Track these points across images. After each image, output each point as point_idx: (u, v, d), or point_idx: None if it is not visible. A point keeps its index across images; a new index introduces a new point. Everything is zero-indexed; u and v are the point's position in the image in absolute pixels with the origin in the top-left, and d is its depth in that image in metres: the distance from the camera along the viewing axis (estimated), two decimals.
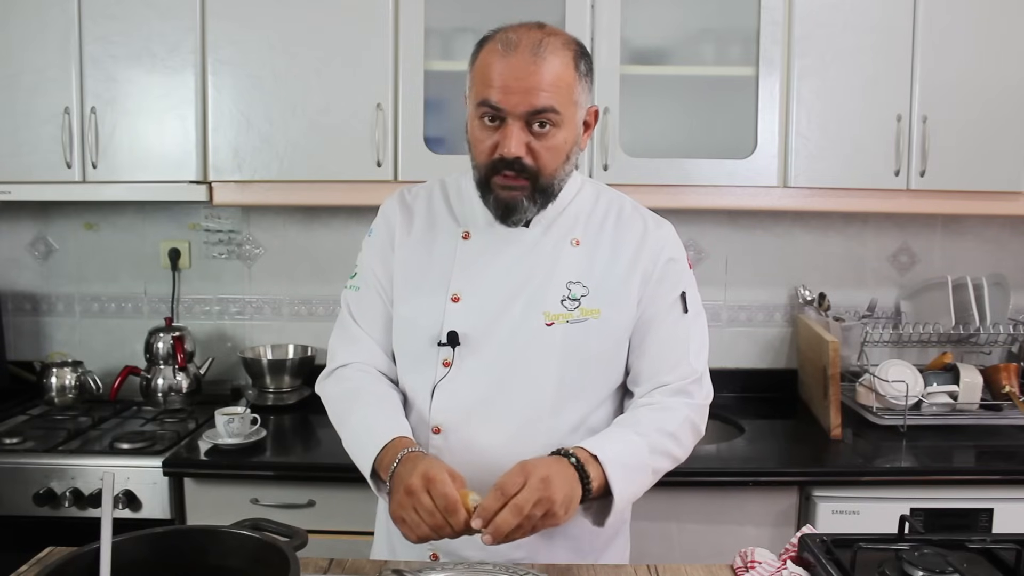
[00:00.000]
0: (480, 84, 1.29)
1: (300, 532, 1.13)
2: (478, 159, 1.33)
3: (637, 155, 2.21)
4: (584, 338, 1.36)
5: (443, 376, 1.37)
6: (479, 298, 1.37)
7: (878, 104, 2.19)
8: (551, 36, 1.29)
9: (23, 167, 2.21)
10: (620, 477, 1.26)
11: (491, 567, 1.23)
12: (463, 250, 1.40)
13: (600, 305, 1.37)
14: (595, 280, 1.38)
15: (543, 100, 1.26)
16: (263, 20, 2.17)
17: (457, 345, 1.36)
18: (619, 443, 1.30)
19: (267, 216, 2.60)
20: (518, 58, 1.26)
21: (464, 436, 1.36)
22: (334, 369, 1.46)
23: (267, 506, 1.99)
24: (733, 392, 2.60)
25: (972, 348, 2.48)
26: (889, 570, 1.18)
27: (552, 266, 1.38)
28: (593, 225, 1.42)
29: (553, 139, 1.30)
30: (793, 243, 2.61)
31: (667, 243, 1.43)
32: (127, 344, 2.61)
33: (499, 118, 1.28)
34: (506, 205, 1.33)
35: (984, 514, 1.96)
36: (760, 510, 1.99)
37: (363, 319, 1.47)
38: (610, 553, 1.47)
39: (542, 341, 1.35)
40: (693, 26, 2.33)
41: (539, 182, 1.32)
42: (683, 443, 1.39)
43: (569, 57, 1.29)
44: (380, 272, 1.45)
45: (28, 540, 1.46)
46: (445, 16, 2.21)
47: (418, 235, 1.44)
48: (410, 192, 1.50)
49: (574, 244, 1.40)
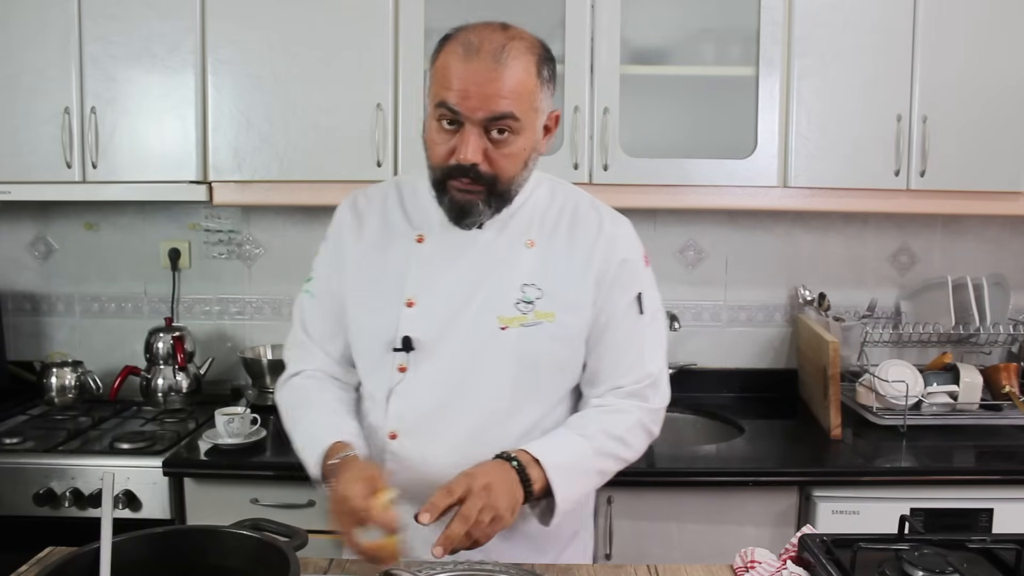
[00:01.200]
0: (439, 85, 1.26)
1: (300, 532, 1.13)
2: (434, 161, 1.31)
3: (637, 155, 2.21)
4: (538, 342, 1.35)
5: (399, 381, 1.37)
6: (433, 302, 1.36)
7: (878, 104, 2.19)
8: (514, 40, 1.26)
9: (23, 167, 2.21)
10: (561, 480, 1.28)
11: (491, 566, 1.23)
12: (417, 254, 1.39)
13: (554, 308, 1.36)
14: (549, 282, 1.37)
15: (503, 107, 1.23)
16: (263, 20, 2.17)
17: (412, 350, 1.35)
18: (563, 446, 1.32)
19: (267, 216, 2.60)
20: (479, 63, 1.23)
21: (420, 441, 1.36)
22: (288, 378, 1.48)
23: (267, 506, 1.99)
24: (733, 392, 2.60)
25: (972, 348, 2.48)
26: (889, 570, 1.18)
27: (506, 268, 1.37)
28: (548, 225, 1.41)
29: (511, 146, 1.27)
30: (793, 243, 2.61)
31: (621, 242, 1.42)
32: (127, 344, 2.61)
33: (457, 122, 1.25)
34: (460, 208, 1.31)
35: (984, 514, 1.96)
36: (760, 510, 1.99)
37: (314, 328, 1.47)
38: (571, 551, 1.48)
39: (496, 345, 1.34)
40: (693, 26, 2.33)
41: (496, 188, 1.30)
42: (632, 446, 1.39)
43: (532, 62, 1.27)
44: (333, 279, 1.45)
45: (28, 540, 1.46)
46: (445, 16, 2.19)
47: (371, 240, 1.43)
48: (364, 195, 1.48)
49: (528, 245, 1.38)
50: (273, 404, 2.36)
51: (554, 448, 1.31)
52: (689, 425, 2.45)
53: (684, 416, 2.47)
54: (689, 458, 2.12)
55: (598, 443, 1.34)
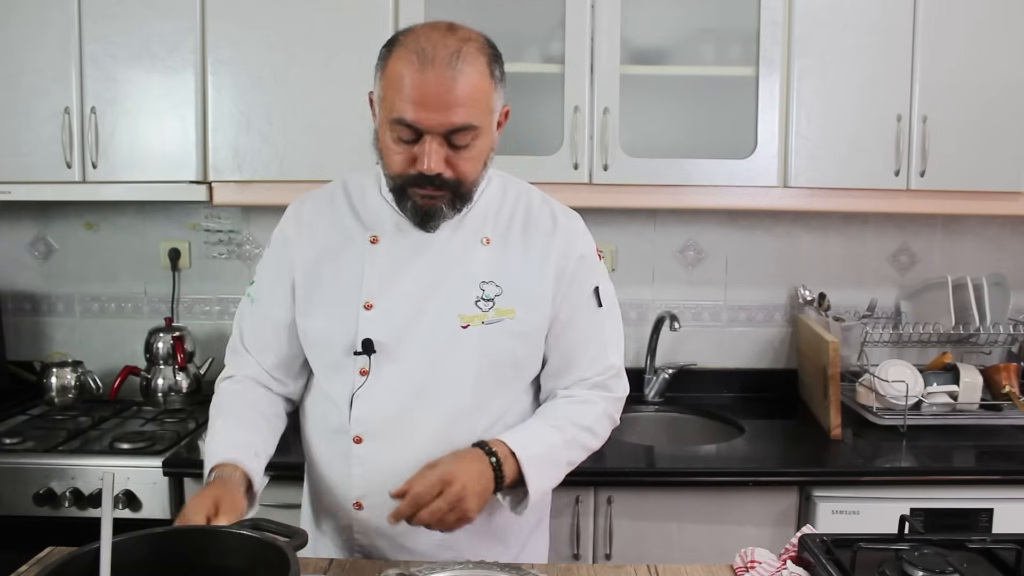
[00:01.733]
0: (394, 97, 1.24)
1: (300, 532, 1.13)
2: (392, 170, 1.30)
3: (637, 155, 2.21)
4: (500, 339, 1.36)
5: (361, 385, 1.36)
6: (392, 304, 1.35)
7: (878, 104, 2.19)
8: (466, 43, 1.25)
9: (23, 167, 2.21)
10: (536, 472, 1.31)
11: (491, 565, 1.23)
12: (372, 255, 1.37)
13: (514, 304, 1.37)
14: (508, 279, 1.37)
15: (461, 117, 1.23)
16: (263, 20, 2.17)
17: (373, 353, 1.34)
18: (537, 438, 1.34)
19: (267, 216, 2.60)
20: (435, 73, 1.21)
21: (385, 443, 1.36)
22: (220, 380, 1.48)
23: (267, 506, 1.98)
24: (733, 392, 2.60)
25: (972, 348, 2.48)
26: (889, 570, 1.18)
27: (464, 267, 1.37)
28: (502, 222, 1.41)
29: (472, 150, 1.27)
30: (793, 243, 2.61)
31: (577, 238, 1.43)
32: (127, 344, 2.61)
33: (416, 132, 1.24)
34: (425, 213, 1.31)
35: (984, 514, 1.96)
36: (760, 510, 1.99)
37: (249, 334, 1.46)
38: (534, 540, 1.50)
39: (459, 344, 1.34)
40: (693, 26, 2.33)
41: (459, 191, 1.30)
42: (599, 435, 1.43)
43: (484, 64, 1.26)
44: (277, 288, 1.43)
45: (28, 540, 1.46)
46: (445, 16, 2.17)
47: (322, 244, 1.40)
48: (311, 198, 1.46)
49: (484, 243, 1.38)
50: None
51: (529, 441, 1.33)
52: (689, 425, 2.46)
53: (684, 416, 2.47)
54: (689, 458, 2.12)
55: (569, 434, 1.37)
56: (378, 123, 1.32)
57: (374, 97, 1.33)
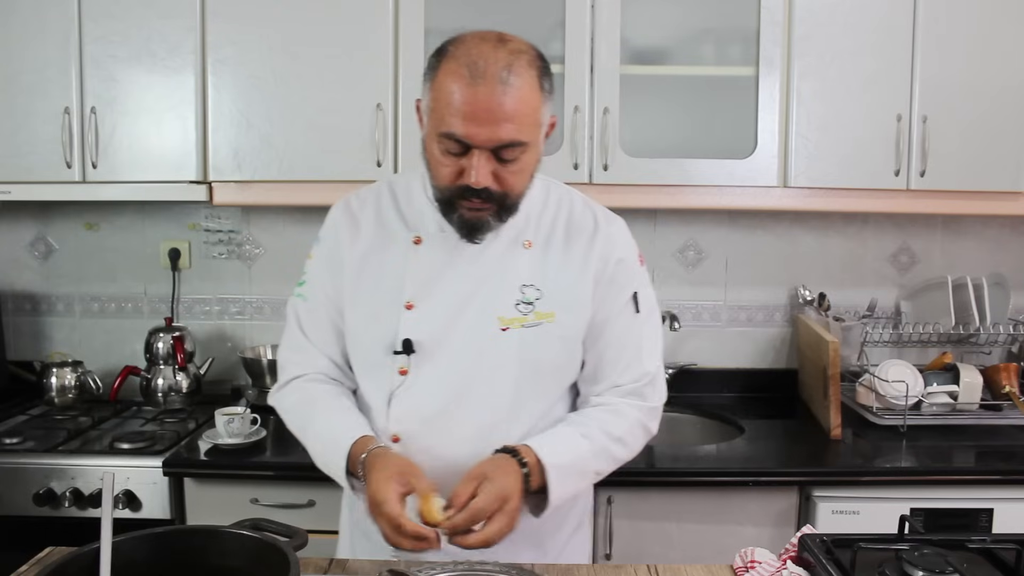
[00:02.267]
0: (443, 111, 1.23)
1: (300, 532, 1.13)
2: (440, 182, 1.29)
3: (637, 155, 2.21)
4: (539, 342, 1.36)
5: (399, 384, 1.36)
6: (433, 304, 1.36)
7: (878, 104, 2.19)
8: (516, 56, 1.23)
9: (23, 167, 2.21)
10: (560, 482, 1.30)
11: (491, 566, 1.23)
12: (415, 256, 1.38)
13: (554, 308, 1.36)
14: (548, 283, 1.37)
15: (511, 133, 1.22)
16: (263, 20, 2.17)
17: (412, 353, 1.34)
18: (566, 447, 1.33)
19: (267, 216, 2.60)
20: (485, 88, 1.20)
21: (423, 444, 1.36)
22: (287, 381, 1.46)
23: (267, 506, 1.99)
24: (733, 392, 2.60)
25: (972, 348, 2.48)
26: (889, 570, 1.17)
27: (505, 269, 1.37)
28: (544, 225, 1.41)
29: (520, 163, 1.27)
30: (793, 243, 2.61)
31: (618, 242, 1.42)
32: (127, 344, 2.61)
33: (464, 146, 1.24)
34: (472, 225, 1.31)
35: (984, 514, 1.96)
36: (760, 510, 1.99)
37: (311, 330, 1.45)
38: (572, 546, 1.49)
39: (498, 346, 1.34)
40: (693, 26, 2.33)
41: (505, 203, 1.30)
42: (630, 446, 1.41)
43: (535, 77, 1.25)
44: (328, 284, 1.43)
45: (28, 540, 1.47)
46: (445, 16, 2.21)
47: (367, 243, 1.41)
48: (357, 198, 1.46)
49: (526, 246, 1.38)
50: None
51: (558, 449, 1.32)
52: (689, 425, 2.45)
53: (684, 416, 2.47)
54: (689, 458, 2.12)
55: (599, 444, 1.36)
56: (425, 133, 1.31)
57: (422, 106, 1.32)
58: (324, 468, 1.37)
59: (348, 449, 1.30)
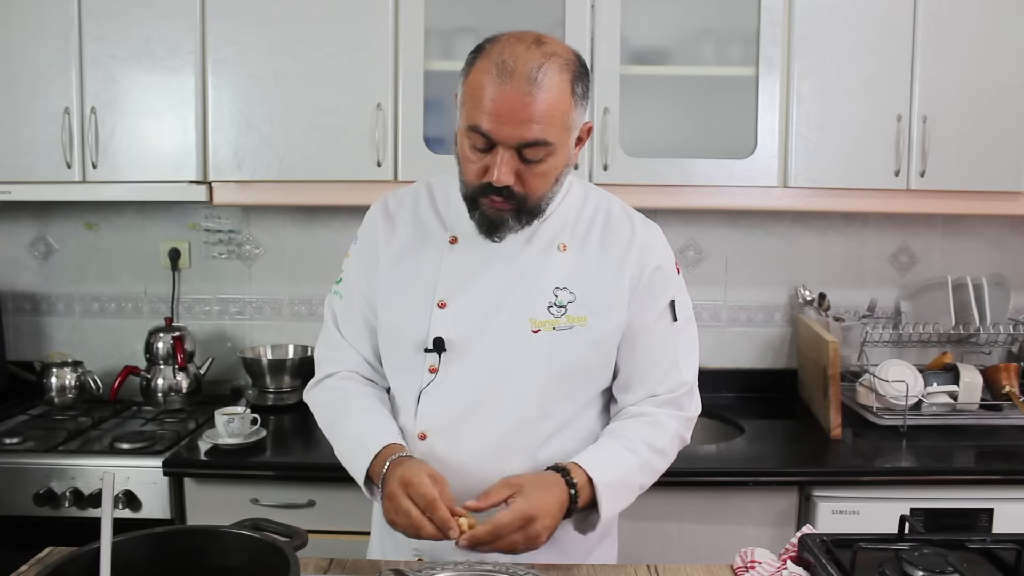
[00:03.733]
0: (471, 106, 1.25)
1: (300, 532, 1.13)
2: (466, 178, 1.31)
3: (637, 155, 2.21)
4: (570, 345, 1.35)
5: (429, 382, 1.36)
6: (465, 304, 1.36)
7: (878, 104, 2.19)
8: (550, 59, 1.23)
9: (23, 167, 2.21)
10: (609, 498, 1.31)
11: (491, 567, 1.23)
12: (450, 255, 1.39)
13: (587, 312, 1.36)
14: (582, 286, 1.37)
15: (535, 133, 1.23)
16: (263, 20, 2.17)
17: (443, 351, 1.35)
18: (615, 464, 1.33)
19: (267, 216, 2.60)
20: (513, 87, 1.21)
21: (449, 442, 1.36)
22: (321, 379, 1.48)
23: (267, 506, 1.99)
24: (733, 392, 2.60)
25: (972, 348, 2.48)
26: (889, 570, 1.18)
27: (539, 271, 1.37)
28: (580, 229, 1.41)
29: (543, 166, 1.27)
30: (793, 243, 2.61)
31: (655, 249, 1.42)
32: (127, 344, 2.61)
33: (490, 142, 1.25)
34: (491, 222, 1.32)
35: (984, 514, 1.96)
36: (760, 510, 1.99)
37: (347, 328, 1.47)
38: (598, 554, 1.49)
39: (528, 348, 1.34)
40: (693, 26, 2.33)
41: (525, 204, 1.30)
42: (669, 457, 1.42)
43: (567, 81, 1.25)
44: (363, 282, 1.45)
45: (28, 540, 1.46)
46: (445, 16, 2.21)
47: (403, 242, 1.42)
48: (395, 197, 1.48)
49: (561, 249, 1.38)
50: (273, 404, 2.40)
51: (608, 466, 1.32)
52: None
53: None
54: (689, 458, 2.11)
55: (643, 458, 1.36)
56: (457, 127, 1.31)
57: (456, 101, 1.32)
58: (348, 469, 1.38)
59: (371, 457, 1.31)
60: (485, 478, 1.29)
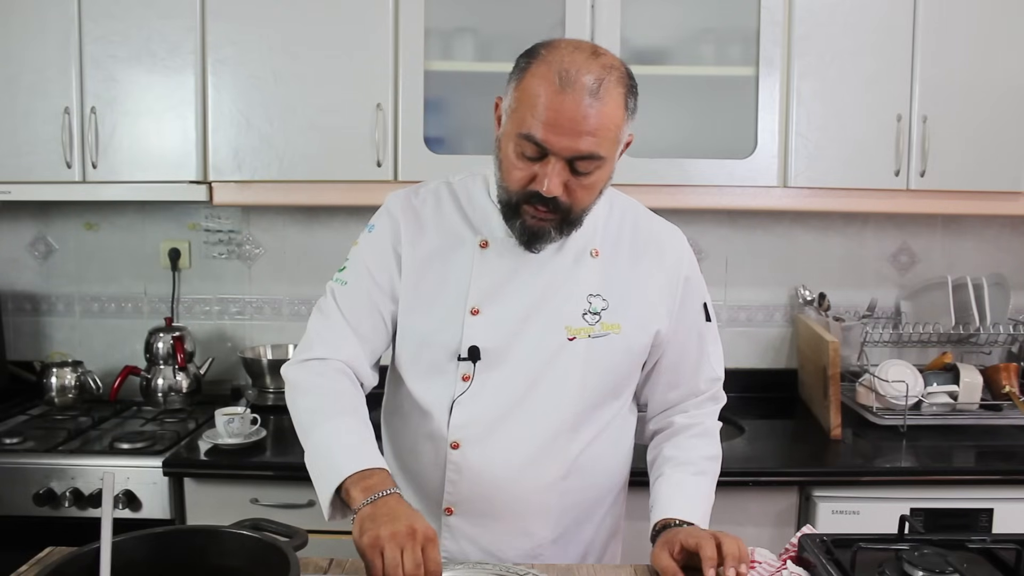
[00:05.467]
0: (526, 112, 1.20)
1: (300, 532, 1.13)
2: (510, 185, 1.27)
3: (637, 155, 2.20)
4: (606, 353, 1.35)
5: (463, 391, 1.33)
6: (499, 311, 1.33)
7: (878, 104, 2.19)
8: (608, 72, 1.21)
9: (23, 167, 2.21)
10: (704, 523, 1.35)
11: (491, 567, 1.23)
12: (481, 260, 1.35)
13: (620, 320, 1.36)
14: (615, 294, 1.37)
15: (590, 146, 1.20)
16: (263, 20, 2.17)
17: (478, 360, 1.33)
18: (698, 499, 1.37)
19: (267, 216, 2.60)
20: (573, 99, 1.18)
21: (483, 451, 1.34)
22: (308, 359, 1.37)
23: (267, 506, 1.99)
24: (733, 392, 2.54)
25: (972, 348, 2.48)
26: (889, 570, 1.17)
27: (573, 278, 1.35)
28: (610, 235, 1.40)
29: (591, 178, 1.25)
30: (793, 243, 2.61)
31: (684, 258, 1.44)
32: (127, 344, 2.61)
33: (541, 151, 1.22)
34: (532, 232, 1.29)
35: (984, 514, 1.95)
36: (760, 510, 1.98)
37: (349, 312, 1.38)
38: (610, 553, 1.50)
39: (564, 355, 1.33)
40: (693, 26, 2.33)
41: (569, 216, 1.29)
42: (720, 452, 1.49)
43: (622, 95, 1.23)
44: (376, 271, 1.38)
45: (28, 540, 1.46)
46: (445, 16, 2.21)
47: (431, 243, 1.38)
48: (416, 195, 1.42)
49: (593, 255, 1.38)
50: (273, 404, 2.39)
51: (700, 507, 1.36)
52: None
53: None
54: None
55: (711, 473, 1.43)
56: (502, 132, 1.28)
57: (502, 105, 1.28)
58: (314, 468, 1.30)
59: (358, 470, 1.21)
60: (519, 487, 1.30)
